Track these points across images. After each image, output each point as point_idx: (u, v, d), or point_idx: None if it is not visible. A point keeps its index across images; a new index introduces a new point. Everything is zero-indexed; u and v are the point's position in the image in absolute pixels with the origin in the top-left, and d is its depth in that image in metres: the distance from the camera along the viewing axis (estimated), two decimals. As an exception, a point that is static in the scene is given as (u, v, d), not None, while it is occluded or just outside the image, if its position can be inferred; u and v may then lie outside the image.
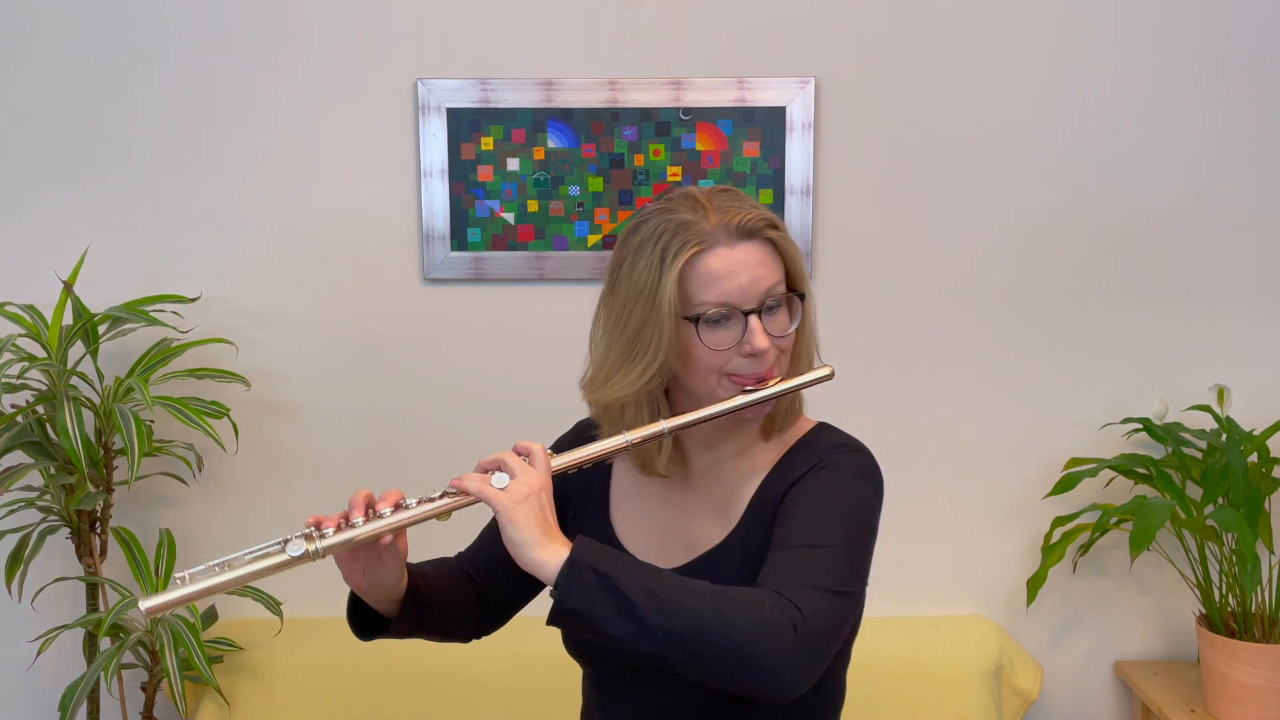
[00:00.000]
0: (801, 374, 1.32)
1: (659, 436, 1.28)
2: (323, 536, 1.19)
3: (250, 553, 1.19)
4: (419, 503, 1.22)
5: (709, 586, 1.15)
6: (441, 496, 1.22)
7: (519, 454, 1.23)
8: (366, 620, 1.36)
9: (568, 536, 1.20)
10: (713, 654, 1.10)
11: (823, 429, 1.39)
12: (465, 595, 1.44)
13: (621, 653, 1.15)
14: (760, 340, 1.25)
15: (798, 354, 1.34)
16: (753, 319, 1.25)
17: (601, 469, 1.43)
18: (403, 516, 1.21)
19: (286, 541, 1.19)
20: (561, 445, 1.46)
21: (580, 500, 1.46)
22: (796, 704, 1.22)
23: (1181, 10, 2.31)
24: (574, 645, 1.40)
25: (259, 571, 1.17)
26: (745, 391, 1.28)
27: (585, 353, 1.37)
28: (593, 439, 1.33)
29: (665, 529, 1.38)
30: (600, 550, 1.16)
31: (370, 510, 1.23)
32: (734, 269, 1.25)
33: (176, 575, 1.17)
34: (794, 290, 1.30)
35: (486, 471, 1.22)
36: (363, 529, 1.21)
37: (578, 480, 1.43)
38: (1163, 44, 2.32)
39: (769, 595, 1.14)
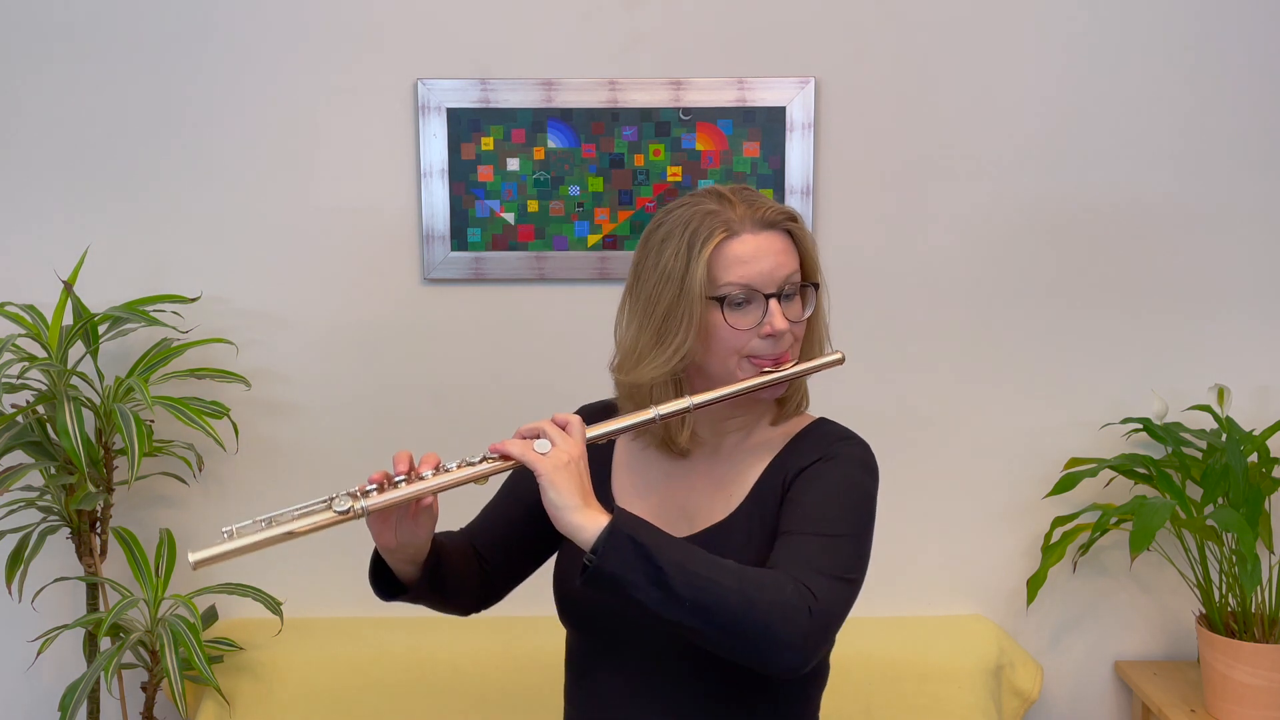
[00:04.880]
0: (814, 359, 1.41)
1: (685, 412, 1.35)
2: (367, 495, 1.23)
3: (296, 509, 1.23)
4: (459, 466, 1.27)
5: (735, 566, 1.23)
6: (481, 461, 1.27)
7: (557, 424, 1.29)
8: (388, 582, 1.40)
9: None
10: (734, 628, 1.19)
11: (824, 422, 1.46)
12: (469, 567, 1.49)
13: (646, 618, 1.22)
14: (779, 321, 1.34)
15: (810, 341, 1.43)
16: (773, 302, 1.34)
17: (604, 444, 1.48)
18: (445, 479, 1.26)
19: (331, 499, 1.22)
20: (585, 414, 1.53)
21: None
22: (786, 681, 1.35)
23: (1181, 10, 2.31)
24: (568, 610, 1.45)
25: (304, 528, 1.21)
26: (764, 372, 1.36)
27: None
28: (609, 413, 1.45)
29: (665, 501, 1.44)
30: (638, 521, 1.22)
31: (411, 472, 1.27)
32: (758, 254, 1.34)
33: (224, 529, 1.20)
34: (808, 281, 1.39)
35: (527, 439, 1.28)
36: (406, 490, 1.25)
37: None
38: (1162, 44, 2.32)
39: (787, 579, 1.22)
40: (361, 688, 2.25)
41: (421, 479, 1.26)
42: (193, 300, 2.28)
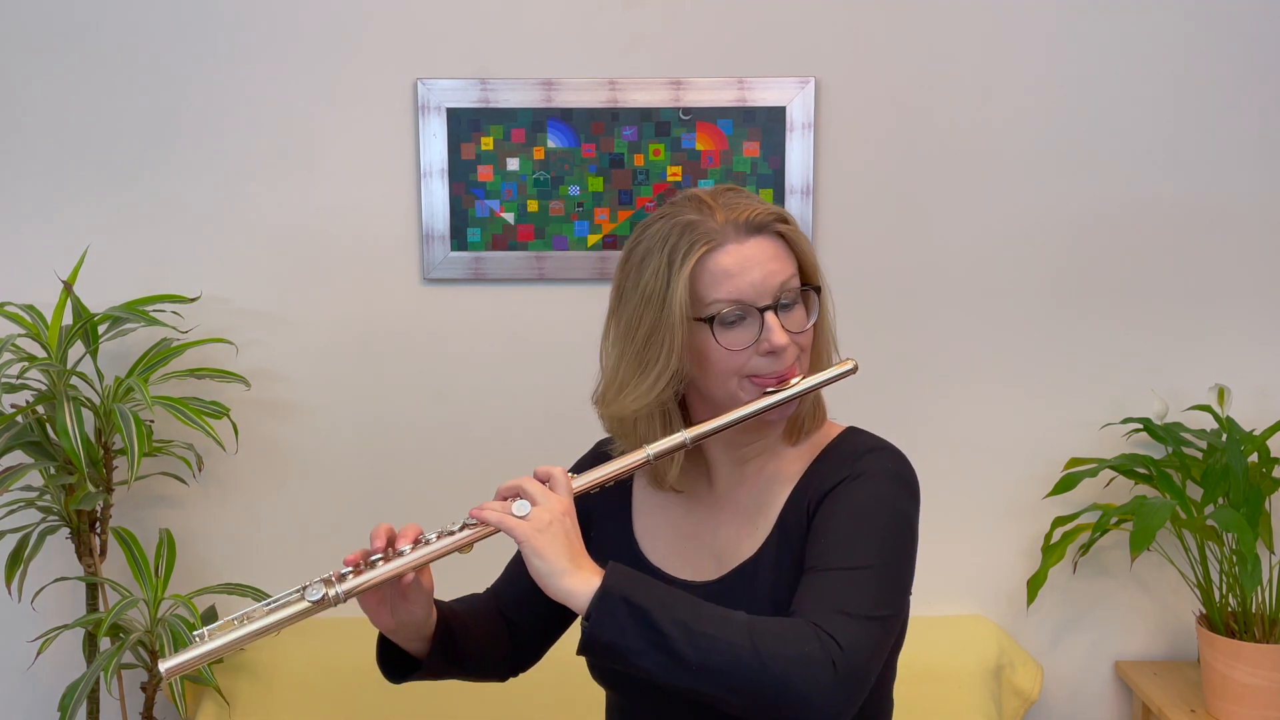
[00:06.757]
0: (822, 370, 1.28)
1: (680, 448, 1.23)
2: (342, 579, 1.16)
3: (269, 603, 1.17)
4: (438, 536, 1.18)
5: (745, 619, 1.12)
6: (461, 529, 1.18)
7: (539, 479, 1.19)
8: (397, 661, 1.32)
9: (592, 555, 1.17)
10: (750, 690, 1.08)
11: (852, 433, 1.35)
12: (498, 632, 1.40)
13: (653, 684, 1.11)
14: (779, 337, 1.21)
15: (817, 350, 1.30)
16: (769, 315, 1.21)
17: (622, 482, 1.34)
18: (423, 552, 1.17)
19: (305, 588, 1.16)
20: (581, 466, 1.41)
21: (602, 516, 1.41)
22: None
23: (1179, 10, 2.31)
24: (599, 671, 1.35)
25: (279, 621, 1.14)
26: (767, 393, 1.24)
27: (595, 363, 1.33)
28: (609, 456, 1.31)
29: (691, 541, 1.34)
30: (633, 579, 1.12)
31: (390, 548, 1.19)
32: (745, 265, 1.21)
33: (195, 633, 1.15)
34: (808, 284, 1.27)
35: (506, 499, 1.18)
36: (383, 569, 1.16)
37: (599, 494, 1.34)
38: (1161, 43, 2.32)
39: (807, 628, 1.11)
40: (361, 688, 2.25)
41: (400, 554, 1.17)
42: (193, 300, 2.28)
